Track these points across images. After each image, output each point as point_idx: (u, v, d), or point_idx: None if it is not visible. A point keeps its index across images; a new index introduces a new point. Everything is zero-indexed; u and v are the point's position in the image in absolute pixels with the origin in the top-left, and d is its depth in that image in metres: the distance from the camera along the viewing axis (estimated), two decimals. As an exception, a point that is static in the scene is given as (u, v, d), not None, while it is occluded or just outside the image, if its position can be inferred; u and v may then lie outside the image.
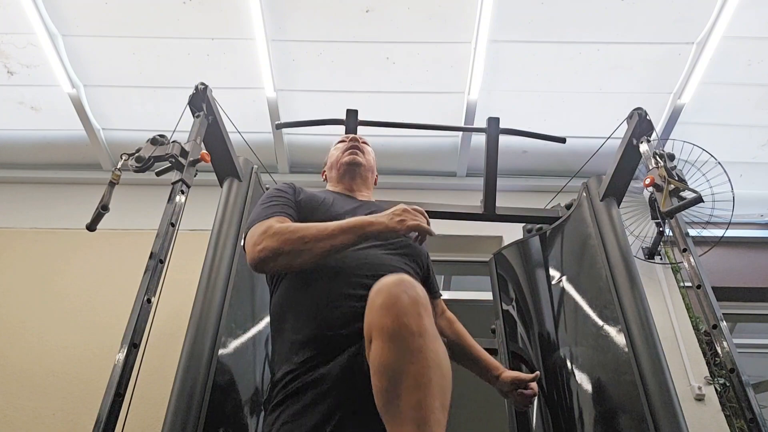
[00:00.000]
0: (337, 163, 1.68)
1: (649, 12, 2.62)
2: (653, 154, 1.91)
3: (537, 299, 2.19)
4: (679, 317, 2.69)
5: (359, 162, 1.66)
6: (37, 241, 2.89)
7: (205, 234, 1.94)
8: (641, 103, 2.17)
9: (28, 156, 3.20)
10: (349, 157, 1.66)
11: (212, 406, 1.53)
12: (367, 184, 1.68)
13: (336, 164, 1.68)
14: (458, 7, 2.64)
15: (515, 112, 2.97)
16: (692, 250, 1.76)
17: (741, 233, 3.14)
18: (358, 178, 1.65)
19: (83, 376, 2.39)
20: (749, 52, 2.75)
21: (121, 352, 1.41)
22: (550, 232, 2.28)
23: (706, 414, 2.37)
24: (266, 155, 3.04)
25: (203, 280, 1.78)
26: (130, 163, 1.71)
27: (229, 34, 2.72)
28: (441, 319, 1.64)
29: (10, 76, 2.86)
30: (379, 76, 2.89)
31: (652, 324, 1.73)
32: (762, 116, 2.98)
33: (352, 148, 1.69)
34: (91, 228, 1.61)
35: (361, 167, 1.66)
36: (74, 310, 2.61)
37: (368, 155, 1.72)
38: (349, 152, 1.67)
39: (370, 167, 1.70)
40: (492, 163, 2.29)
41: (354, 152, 1.67)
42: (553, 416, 1.89)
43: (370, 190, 1.70)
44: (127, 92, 2.95)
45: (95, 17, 2.65)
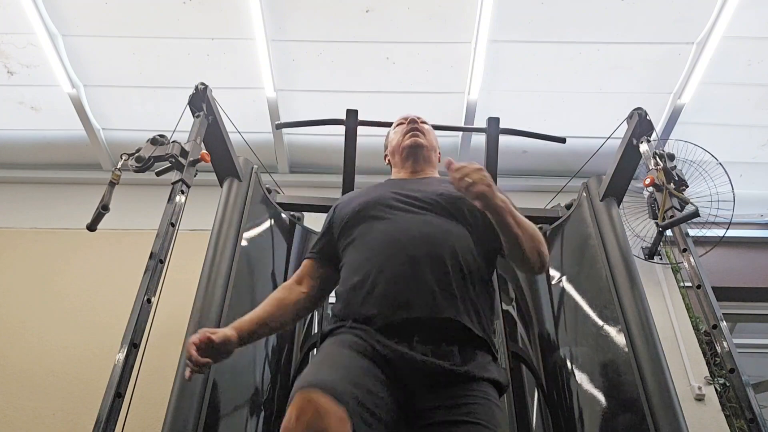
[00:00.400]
0: (399, 147, 1.66)
1: (649, 12, 2.62)
2: (653, 154, 1.91)
3: (537, 299, 2.19)
4: (679, 317, 2.69)
5: (421, 144, 1.64)
6: (37, 241, 2.89)
7: (205, 234, 1.94)
8: (641, 103, 2.16)
9: (28, 156, 3.20)
10: (410, 140, 1.64)
11: (212, 406, 1.53)
12: (431, 163, 1.67)
13: (398, 148, 1.67)
14: (458, 7, 2.63)
15: (515, 112, 2.97)
16: (692, 250, 1.76)
17: (741, 233, 3.14)
18: (422, 159, 1.64)
19: (83, 376, 2.39)
20: (749, 52, 2.75)
21: (121, 352, 1.41)
22: (550, 232, 2.28)
23: (706, 414, 2.37)
24: (266, 155, 3.03)
25: (203, 280, 1.78)
26: (130, 163, 1.71)
27: (229, 34, 2.72)
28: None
29: (10, 76, 2.86)
30: (379, 76, 2.88)
31: (652, 324, 1.73)
32: (762, 116, 2.98)
33: (413, 130, 1.67)
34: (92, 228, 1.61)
35: (424, 149, 1.64)
36: (74, 310, 2.61)
37: (429, 134, 1.70)
38: (410, 135, 1.65)
39: (432, 147, 1.68)
40: (492, 163, 2.29)
41: (415, 134, 1.66)
42: (553, 416, 1.88)
43: (434, 168, 1.68)
44: (127, 92, 2.95)
45: (95, 17, 2.65)
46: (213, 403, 1.54)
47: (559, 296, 2.08)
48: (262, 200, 2.19)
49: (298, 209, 2.39)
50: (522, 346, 2.11)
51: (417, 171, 1.62)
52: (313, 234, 2.37)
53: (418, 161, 1.63)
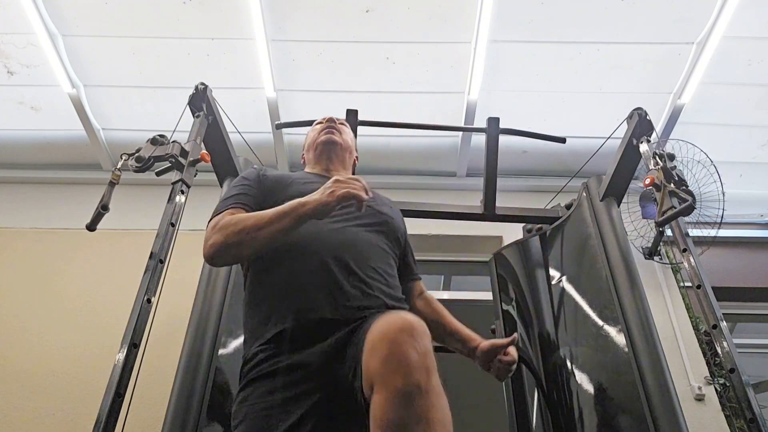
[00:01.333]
0: (314, 143, 1.65)
1: (649, 12, 2.62)
2: (653, 154, 1.91)
3: (537, 299, 2.19)
4: (679, 317, 2.69)
5: (335, 141, 1.62)
6: (37, 241, 2.89)
7: (205, 234, 1.94)
8: (641, 103, 2.17)
9: (28, 156, 3.20)
10: (324, 137, 1.62)
11: (212, 406, 1.53)
12: (344, 164, 1.65)
13: (312, 145, 1.65)
14: (458, 7, 2.63)
15: (515, 112, 2.97)
16: (692, 250, 1.76)
17: (741, 233, 3.14)
18: (334, 157, 1.62)
19: (83, 376, 2.39)
20: (749, 52, 2.75)
21: (121, 352, 1.41)
22: (550, 232, 2.28)
23: (706, 414, 2.37)
24: (266, 155, 3.03)
25: (203, 280, 1.78)
26: (130, 163, 1.71)
27: (229, 34, 2.72)
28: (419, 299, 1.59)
29: (10, 76, 2.86)
30: (379, 76, 2.89)
31: (652, 324, 1.73)
32: (762, 116, 2.98)
33: (329, 128, 1.66)
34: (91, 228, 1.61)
35: (337, 146, 1.62)
36: (74, 310, 2.61)
37: (345, 135, 1.68)
38: (325, 132, 1.64)
39: (347, 147, 1.66)
40: (492, 163, 2.29)
41: (330, 131, 1.64)
42: (553, 416, 1.89)
43: (348, 170, 1.66)
44: (127, 92, 2.95)
45: (95, 17, 2.65)
46: (213, 403, 1.54)
47: (559, 296, 2.08)
48: (262, 200, 2.18)
49: (298, 209, 2.38)
50: (522, 346, 2.11)
51: (330, 169, 1.60)
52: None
53: (331, 159, 1.61)
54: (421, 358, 0.95)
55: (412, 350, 0.95)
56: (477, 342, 1.47)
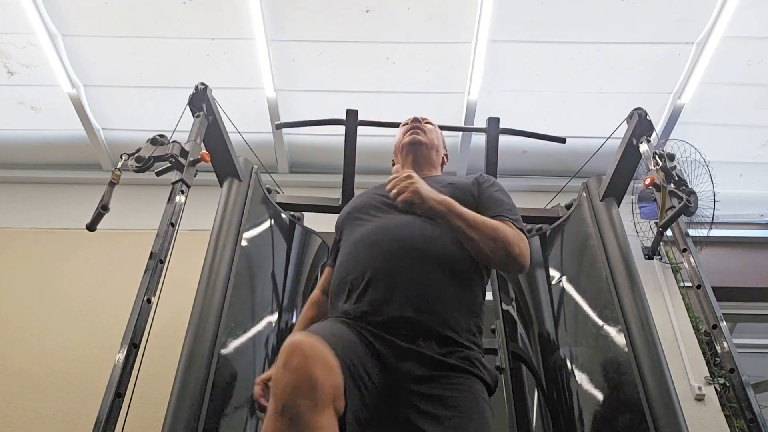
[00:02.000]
0: (400, 145, 1.68)
1: (649, 12, 2.62)
2: (653, 154, 1.91)
3: (537, 299, 2.19)
4: (679, 317, 2.69)
5: (420, 141, 1.65)
6: (37, 241, 2.89)
7: (205, 234, 1.94)
8: (641, 103, 2.16)
9: (28, 156, 3.20)
10: (409, 137, 1.66)
11: (212, 406, 1.53)
12: (431, 162, 1.67)
13: (399, 147, 1.69)
14: (458, 7, 2.63)
15: (515, 112, 2.97)
16: (692, 250, 1.76)
17: (741, 233, 3.14)
18: (421, 157, 1.65)
19: (83, 376, 2.39)
20: (749, 52, 2.75)
21: (121, 352, 1.41)
22: (550, 232, 2.28)
23: (706, 414, 2.37)
24: (266, 155, 3.04)
25: (203, 280, 1.78)
26: (130, 163, 1.71)
27: (229, 34, 2.72)
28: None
29: (10, 76, 2.86)
30: (379, 76, 2.88)
31: (652, 324, 1.73)
32: (762, 116, 2.98)
33: (414, 128, 1.69)
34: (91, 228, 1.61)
35: (423, 146, 1.65)
36: (74, 310, 2.61)
37: (430, 133, 1.70)
38: (410, 133, 1.67)
39: (433, 145, 1.69)
40: (492, 163, 2.29)
41: (415, 131, 1.67)
42: (553, 416, 1.88)
43: (436, 168, 1.69)
44: (127, 92, 2.95)
45: (95, 17, 2.65)
46: (213, 403, 1.54)
47: (559, 296, 2.08)
48: (262, 200, 2.19)
49: (298, 209, 2.39)
50: (522, 346, 2.11)
51: (416, 170, 1.62)
52: (313, 234, 2.37)
53: (417, 159, 1.64)
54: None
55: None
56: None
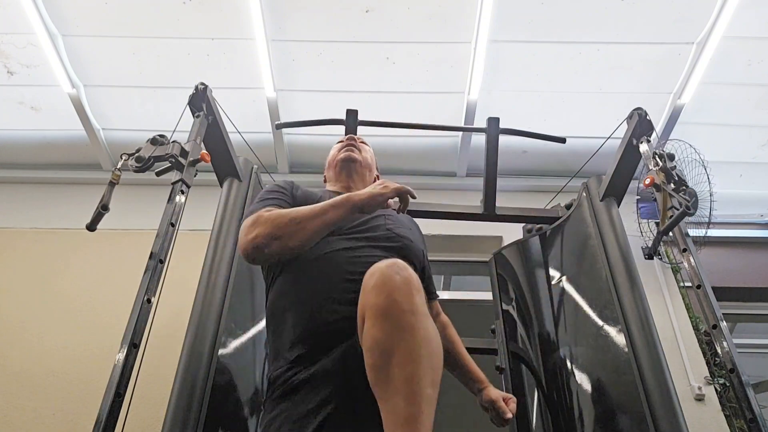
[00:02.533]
0: (334, 161, 1.70)
1: (649, 12, 2.62)
2: (653, 155, 1.91)
3: (537, 299, 2.19)
4: (679, 317, 2.69)
5: (354, 158, 1.67)
6: (37, 241, 2.89)
7: (205, 234, 1.94)
8: (641, 103, 2.16)
9: (28, 156, 3.20)
10: (344, 154, 1.68)
11: (212, 406, 1.53)
12: (364, 181, 1.69)
13: (333, 162, 1.71)
14: (458, 7, 2.63)
15: (515, 112, 2.97)
16: (692, 250, 1.76)
17: (741, 233, 3.14)
18: (355, 174, 1.67)
19: (83, 376, 2.39)
20: (749, 52, 2.75)
21: (121, 352, 1.41)
22: (550, 232, 2.28)
23: (706, 414, 2.37)
24: (266, 155, 3.04)
25: (203, 280, 1.78)
26: (130, 163, 1.71)
27: (229, 34, 2.72)
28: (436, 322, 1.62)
29: (10, 76, 2.86)
30: (379, 76, 2.89)
31: (652, 324, 1.73)
32: (762, 116, 2.98)
33: (348, 146, 1.72)
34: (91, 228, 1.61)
35: (357, 163, 1.67)
36: (74, 310, 2.61)
37: (365, 153, 1.73)
38: (345, 150, 1.70)
39: (366, 164, 1.71)
40: (492, 163, 2.29)
41: (350, 149, 1.70)
42: (553, 416, 1.88)
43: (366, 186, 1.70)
44: (127, 92, 2.95)
45: (95, 17, 2.65)
46: (213, 403, 1.54)
47: (559, 296, 2.08)
48: (262, 200, 2.18)
49: (298, 209, 2.38)
50: (522, 346, 2.11)
51: (350, 187, 1.65)
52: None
53: (351, 176, 1.66)
54: (403, 281, 0.99)
55: (395, 275, 1.00)
56: (484, 386, 1.55)
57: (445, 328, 1.65)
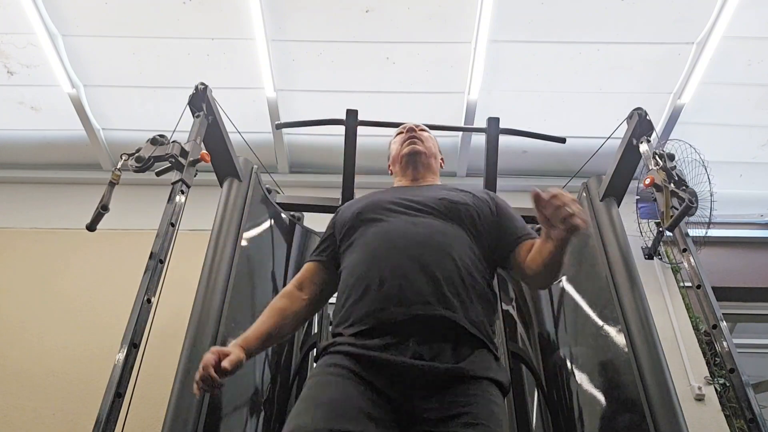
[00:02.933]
0: (398, 156, 1.69)
1: (649, 12, 2.62)
2: (653, 155, 1.91)
3: (537, 299, 2.19)
4: (679, 317, 2.69)
5: (419, 150, 1.66)
6: (37, 241, 2.89)
7: (205, 234, 1.94)
8: (641, 103, 2.16)
9: (28, 156, 3.19)
10: (408, 148, 1.66)
11: (212, 406, 1.53)
12: (432, 169, 1.68)
13: (398, 158, 1.70)
14: (458, 7, 2.63)
15: (515, 112, 2.97)
16: (692, 250, 1.76)
17: (741, 233, 3.14)
18: (421, 166, 1.65)
19: (83, 376, 2.39)
20: (749, 52, 2.75)
21: (121, 352, 1.41)
22: (550, 232, 2.27)
23: (706, 414, 2.37)
24: (266, 155, 3.03)
25: (203, 280, 1.78)
26: (130, 163, 1.71)
27: (229, 34, 2.72)
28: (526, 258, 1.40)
29: (10, 76, 2.86)
30: (379, 76, 2.88)
31: (652, 324, 1.73)
32: (762, 116, 2.98)
33: (410, 138, 1.69)
34: (91, 228, 1.61)
35: (422, 155, 1.66)
36: (74, 310, 2.61)
37: (428, 142, 1.71)
38: (408, 143, 1.68)
39: (431, 153, 1.70)
40: (492, 163, 2.29)
41: (413, 141, 1.68)
42: (553, 416, 1.88)
43: (436, 175, 1.70)
44: (127, 92, 2.95)
45: (95, 17, 2.65)
46: (213, 403, 1.54)
47: (559, 296, 2.08)
48: (262, 200, 2.19)
49: (298, 209, 2.39)
50: (522, 346, 2.11)
51: (417, 178, 1.64)
52: (313, 234, 2.37)
53: (417, 168, 1.65)
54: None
55: None
56: (545, 237, 1.26)
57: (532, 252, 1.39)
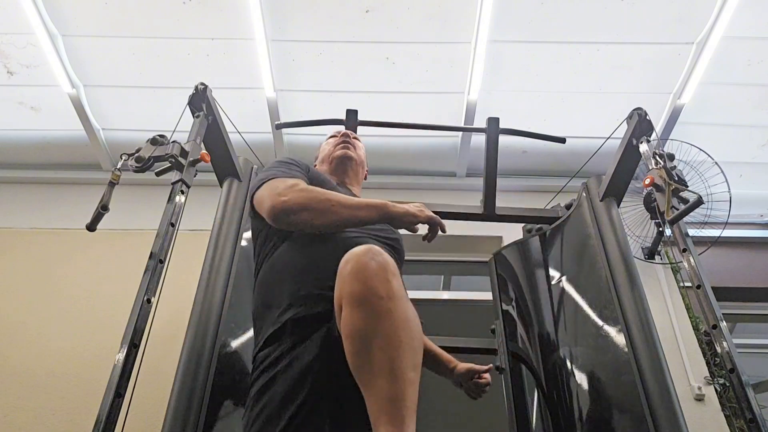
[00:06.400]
0: (329, 157, 1.73)
1: (649, 12, 2.62)
2: (653, 154, 1.91)
3: (537, 299, 2.19)
4: (679, 317, 2.69)
5: (351, 156, 1.71)
6: (37, 241, 2.89)
7: (205, 234, 1.94)
8: (641, 103, 2.16)
9: (28, 156, 3.19)
10: (341, 152, 1.71)
11: (212, 406, 1.53)
12: (357, 178, 1.74)
13: (328, 158, 1.73)
14: (458, 7, 2.64)
15: (515, 112, 2.97)
16: (692, 250, 1.76)
17: (741, 233, 3.14)
18: (350, 171, 1.71)
19: (83, 376, 2.39)
20: (749, 52, 2.75)
21: (121, 352, 1.41)
22: (550, 232, 2.28)
23: (706, 414, 2.37)
24: (266, 155, 3.03)
25: (203, 280, 1.78)
26: (130, 163, 1.71)
27: (229, 34, 2.72)
28: None
29: (10, 76, 2.86)
30: (379, 76, 2.89)
31: (652, 324, 1.73)
32: (762, 116, 2.98)
33: (344, 143, 1.74)
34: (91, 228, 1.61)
35: (353, 161, 1.71)
36: (74, 310, 2.61)
37: (359, 150, 1.77)
38: (341, 146, 1.73)
39: (360, 162, 1.75)
40: (492, 163, 2.29)
41: (346, 146, 1.73)
42: (553, 416, 1.89)
43: (359, 185, 1.76)
44: (127, 92, 2.95)
45: (95, 17, 2.65)
46: (213, 403, 1.54)
47: (559, 296, 2.08)
48: (262, 200, 2.18)
49: (298, 209, 2.38)
50: (522, 346, 2.11)
51: (344, 182, 1.69)
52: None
53: (346, 172, 1.70)
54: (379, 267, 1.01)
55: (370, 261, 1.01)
56: (454, 364, 1.65)
57: None
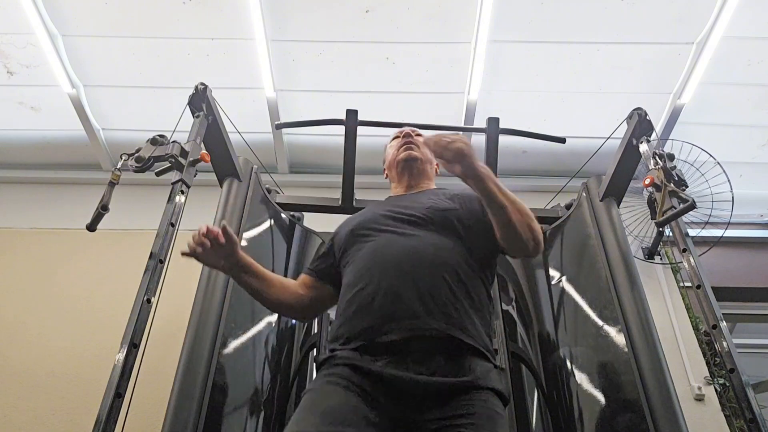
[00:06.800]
0: (394, 161, 1.68)
1: (649, 12, 2.62)
2: (653, 155, 1.91)
3: (537, 299, 2.19)
4: (679, 317, 2.69)
5: (415, 156, 1.65)
6: (37, 241, 2.89)
7: (205, 234, 1.93)
8: (641, 103, 2.17)
9: (28, 156, 3.19)
10: (404, 154, 1.66)
11: (212, 406, 1.53)
12: (427, 175, 1.68)
13: (393, 163, 1.69)
14: (458, 7, 2.63)
15: (515, 112, 2.97)
16: (692, 250, 1.76)
17: (741, 233, 3.14)
18: (417, 172, 1.65)
19: (83, 376, 2.39)
20: (749, 52, 2.75)
21: (121, 352, 1.41)
22: (550, 232, 2.28)
23: (706, 414, 2.37)
24: (266, 155, 3.03)
25: (203, 280, 1.79)
26: (130, 163, 1.71)
27: (229, 34, 2.72)
28: None
29: (10, 76, 2.85)
30: (379, 76, 2.88)
31: (652, 324, 1.73)
32: (762, 116, 2.98)
33: (407, 143, 1.68)
34: (91, 228, 1.61)
35: (418, 161, 1.65)
36: (74, 310, 2.61)
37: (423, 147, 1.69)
38: (404, 148, 1.67)
39: (427, 159, 1.69)
40: (492, 163, 2.29)
41: (409, 147, 1.67)
42: (553, 416, 1.89)
43: (431, 180, 1.70)
44: (127, 92, 2.95)
45: (95, 17, 2.65)
46: (213, 403, 1.54)
47: (559, 296, 2.08)
48: (262, 200, 2.19)
49: (298, 209, 2.39)
50: (522, 346, 2.11)
51: (412, 185, 1.64)
52: (313, 234, 2.37)
53: (413, 174, 1.65)
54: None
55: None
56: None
57: None
